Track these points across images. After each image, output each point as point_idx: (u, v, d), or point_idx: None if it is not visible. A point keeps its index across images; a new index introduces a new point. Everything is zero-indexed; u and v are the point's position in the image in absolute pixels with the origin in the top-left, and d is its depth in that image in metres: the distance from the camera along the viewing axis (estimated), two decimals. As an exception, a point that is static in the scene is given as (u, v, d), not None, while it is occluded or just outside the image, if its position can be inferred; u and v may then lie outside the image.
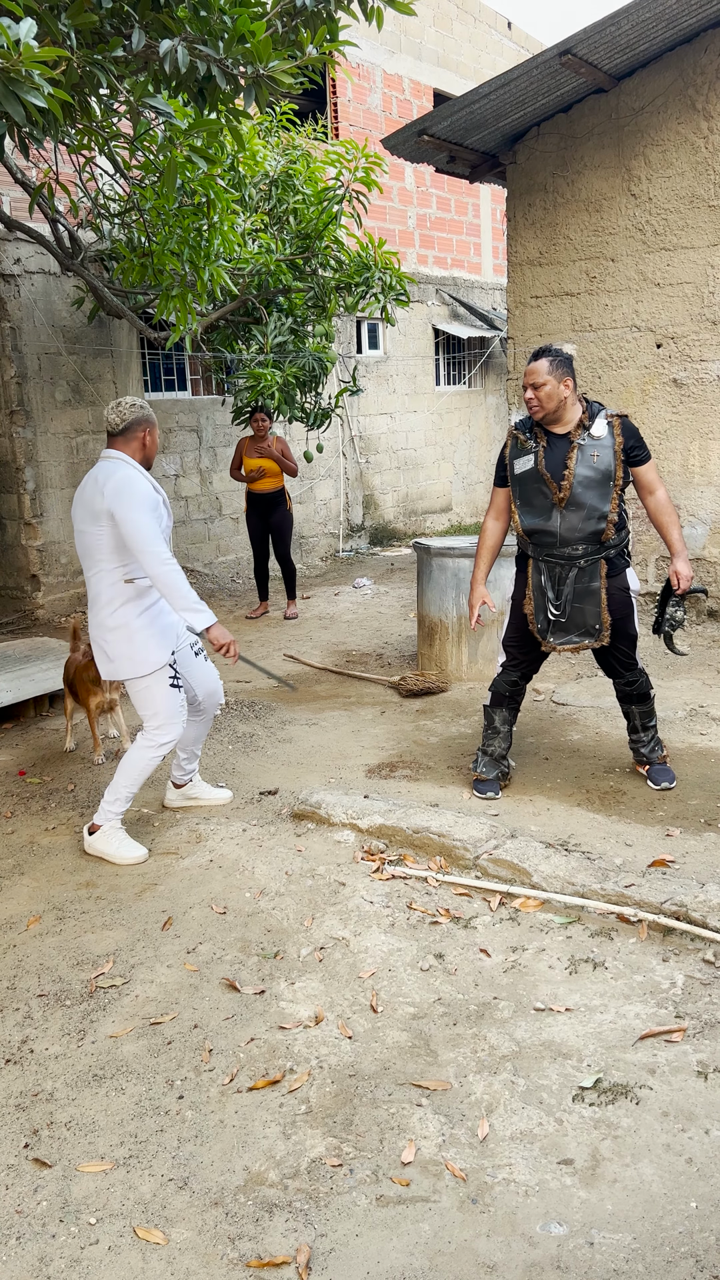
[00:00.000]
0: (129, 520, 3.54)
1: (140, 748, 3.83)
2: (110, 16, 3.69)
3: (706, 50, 6.14)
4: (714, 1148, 2.23)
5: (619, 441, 3.86)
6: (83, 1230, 2.10)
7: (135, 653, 3.74)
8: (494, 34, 14.20)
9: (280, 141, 7.96)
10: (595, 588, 3.95)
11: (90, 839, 3.83)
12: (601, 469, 3.84)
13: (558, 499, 3.88)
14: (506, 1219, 2.07)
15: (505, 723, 4.27)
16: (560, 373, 3.82)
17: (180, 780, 4.22)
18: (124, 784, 3.83)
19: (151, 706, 3.80)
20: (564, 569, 3.97)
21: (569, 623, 4.01)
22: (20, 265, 7.73)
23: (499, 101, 6.27)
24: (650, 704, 4.25)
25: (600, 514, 3.86)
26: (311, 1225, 2.08)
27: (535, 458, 3.92)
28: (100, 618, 3.76)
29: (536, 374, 3.82)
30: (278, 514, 7.94)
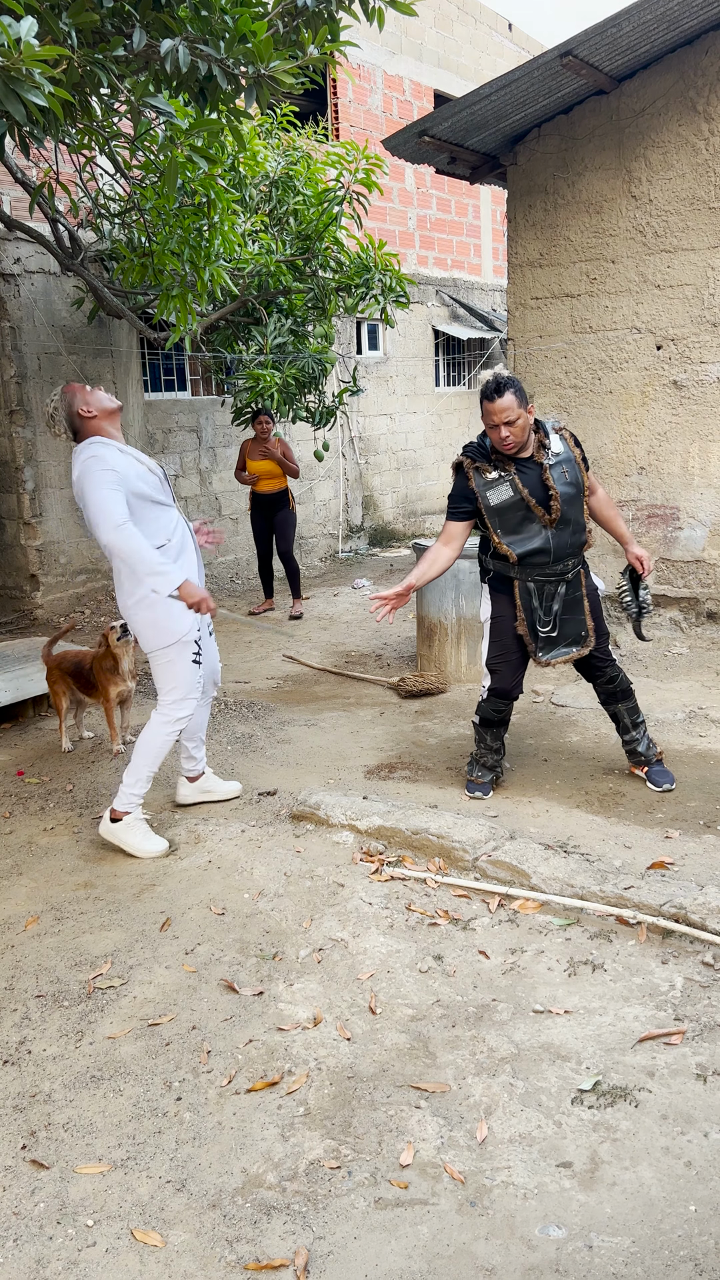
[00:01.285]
0: (84, 494, 3.54)
1: (156, 725, 3.84)
2: (111, 15, 3.69)
3: (707, 52, 6.14)
4: (713, 1151, 2.22)
5: (577, 453, 3.98)
6: (80, 1232, 2.09)
7: (159, 620, 3.73)
8: (495, 35, 14.20)
9: (281, 142, 7.96)
10: (578, 596, 4.06)
11: (112, 826, 3.81)
12: (574, 483, 3.95)
13: (548, 521, 3.90)
14: (505, 1222, 2.07)
15: (497, 739, 4.29)
16: (523, 402, 3.80)
17: (194, 772, 4.22)
18: (144, 765, 3.83)
19: (173, 680, 3.81)
20: (554, 585, 4.02)
21: (559, 636, 4.07)
22: (20, 265, 7.73)
23: (500, 103, 6.27)
24: (634, 700, 4.28)
25: (582, 526, 4.00)
26: (310, 1228, 2.07)
27: (513, 486, 3.88)
28: (124, 592, 3.76)
29: (508, 411, 3.76)
30: (281, 513, 7.98)
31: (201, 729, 4.17)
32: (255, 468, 7.82)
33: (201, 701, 4.10)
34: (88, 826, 4.07)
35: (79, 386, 3.74)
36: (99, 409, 3.72)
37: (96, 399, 3.73)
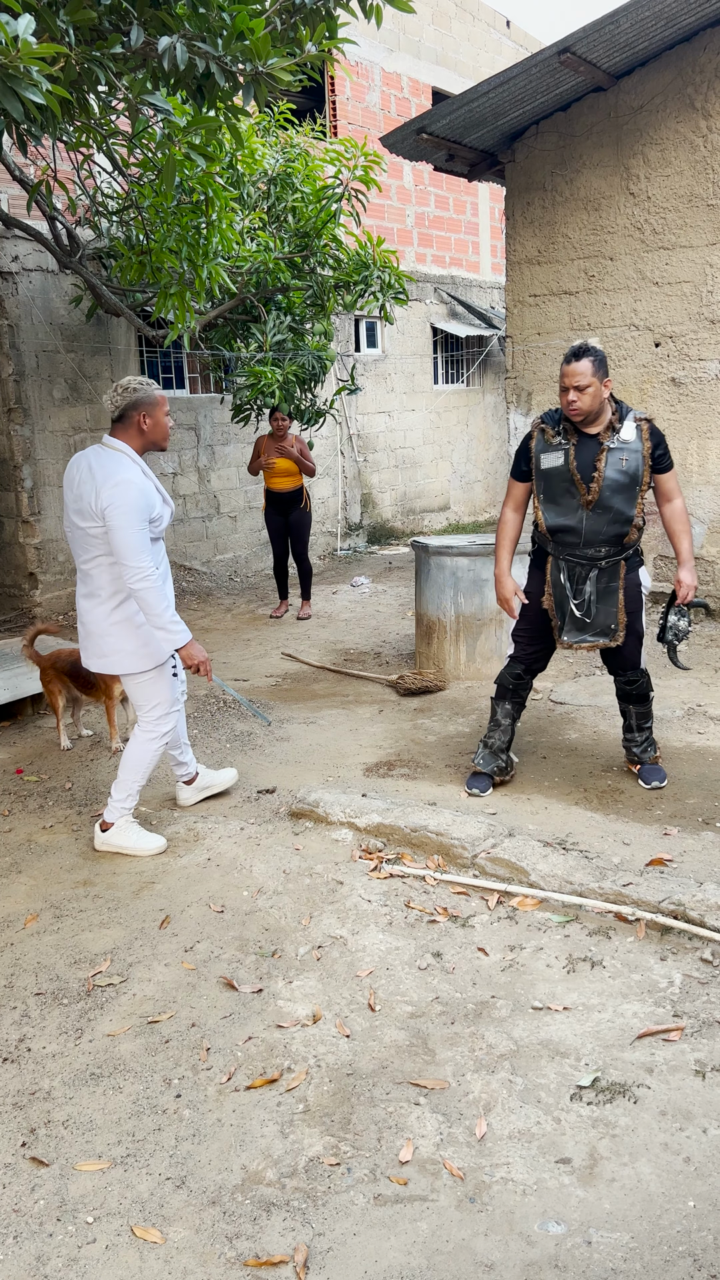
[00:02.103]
0: (118, 530, 3.49)
1: (142, 740, 3.82)
2: (109, 13, 3.68)
3: (705, 49, 6.14)
4: (712, 1147, 2.23)
5: (647, 446, 3.84)
6: (80, 1229, 2.10)
7: (142, 646, 3.70)
8: (493, 32, 14.19)
9: (279, 140, 7.95)
10: (614, 588, 3.96)
11: (104, 836, 3.82)
12: (629, 473, 3.83)
13: (585, 501, 3.86)
14: (504, 1218, 2.07)
15: (507, 716, 4.26)
16: (601, 373, 3.77)
17: (188, 775, 4.21)
18: (131, 779, 3.83)
19: (154, 698, 3.80)
20: (585, 569, 3.96)
21: (591, 623, 4.01)
22: (18, 263, 7.72)
23: (498, 100, 6.27)
24: (648, 706, 4.24)
25: (625, 518, 3.86)
26: (309, 1224, 2.08)
27: (566, 456, 3.87)
28: (103, 610, 3.69)
29: (581, 375, 3.72)
30: (296, 513, 7.94)
31: (183, 734, 4.13)
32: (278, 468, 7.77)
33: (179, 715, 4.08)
34: (87, 824, 4.08)
35: (164, 399, 3.71)
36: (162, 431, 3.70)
37: (165, 423, 3.71)
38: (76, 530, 3.67)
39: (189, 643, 3.62)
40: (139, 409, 3.64)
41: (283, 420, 7.67)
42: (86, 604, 3.73)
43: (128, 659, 3.72)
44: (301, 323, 8.07)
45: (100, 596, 3.68)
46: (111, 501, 3.49)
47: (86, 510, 3.59)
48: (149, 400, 3.65)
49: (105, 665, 3.76)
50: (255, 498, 10.44)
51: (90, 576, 3.69)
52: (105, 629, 3.70)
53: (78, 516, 3.64)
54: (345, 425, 11.55)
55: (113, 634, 3.70)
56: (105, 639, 3.71)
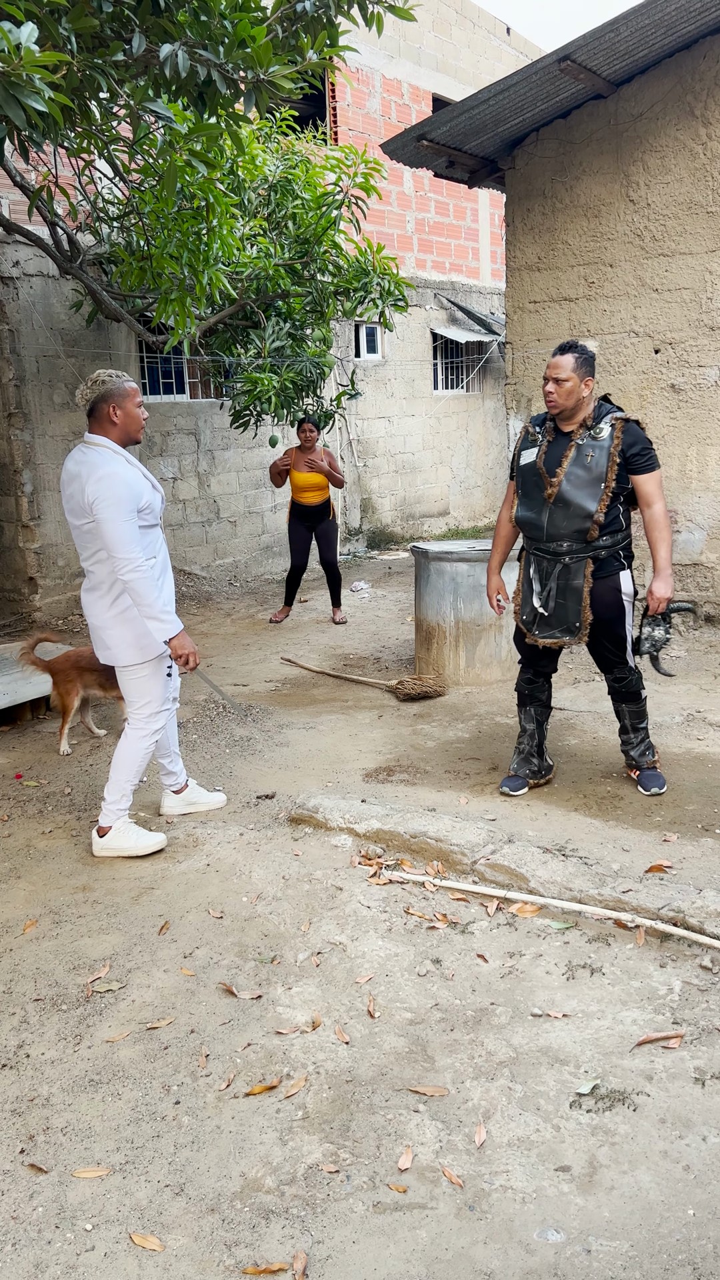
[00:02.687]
0: (106, 522, 3.51)
1: (132, 739, 3.84)
2: (111, 21, 3.70)
3: (705, 57, 6.15)
4: (711, 1155, 2.22)
5: (617, 444, 3.85)
6: (79, 1236, 2.09)
7: (138, 639, 3.73)
8: (493, 39, 14.23)
9: (280, 146, 7.97)
10: (578, 585, 3.96)
11: (102, 841, 3.82)
12: (593, 469, 3.85)
13: (547, 495, 3.93)
14: (504, 1226, 2.07)
15: (530, 720, 4.30)
16: (583, 371, 3.83)
17: (177, 785, 4.20)
18: (124, 778, 3.84)
19: (146, 694, 3.82)
20: (550, 564, 4.00)
21: (552, 618, 4.03)
22: (19, 268, 7.73)
23: (498, 107, 6.28)
24: (640, 704, 4.23)
25: (586, 513, 3.87)
26: (308, 1232, 2.07)
27: (538, 452, 3.97)
28: (104, 604, 3.73)
29: (561, 368, 3.81)
30: (324, 524, 7.96)
31: (173, 741, 4.13)
32: (300, 479, 7.74)
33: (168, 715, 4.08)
34: (86, 830, 4.07)
35: (136, 390, 3.69)
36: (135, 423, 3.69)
37: (137, 414, 3.69)
38: (75, 528, 3.72)
39: (179, 634, 3.63)
40: (108, 401, 3.64)
41: (311, 432, 7.65)
42: (89, 598, 3.78)
43: (129, 650, 3.76)
44: (301, 329, 8.08)
45: (100, 591, 3.73)
46: (97, 495, 3.51)
47: (78, 508, 3.63)
48: (118, 391, 3.65)
49: (108, 657, 3.81)
50: (255, 503, 10.45)
51: (92, 572, 3.74)
52: (105, 622, 3.74)
53: (72, 515, 3.69)
54: (345, 430, 11.56)
55: (111, 626, 3.74)
56: (106, 631, 3.76)
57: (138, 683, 3.82)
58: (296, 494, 7.85)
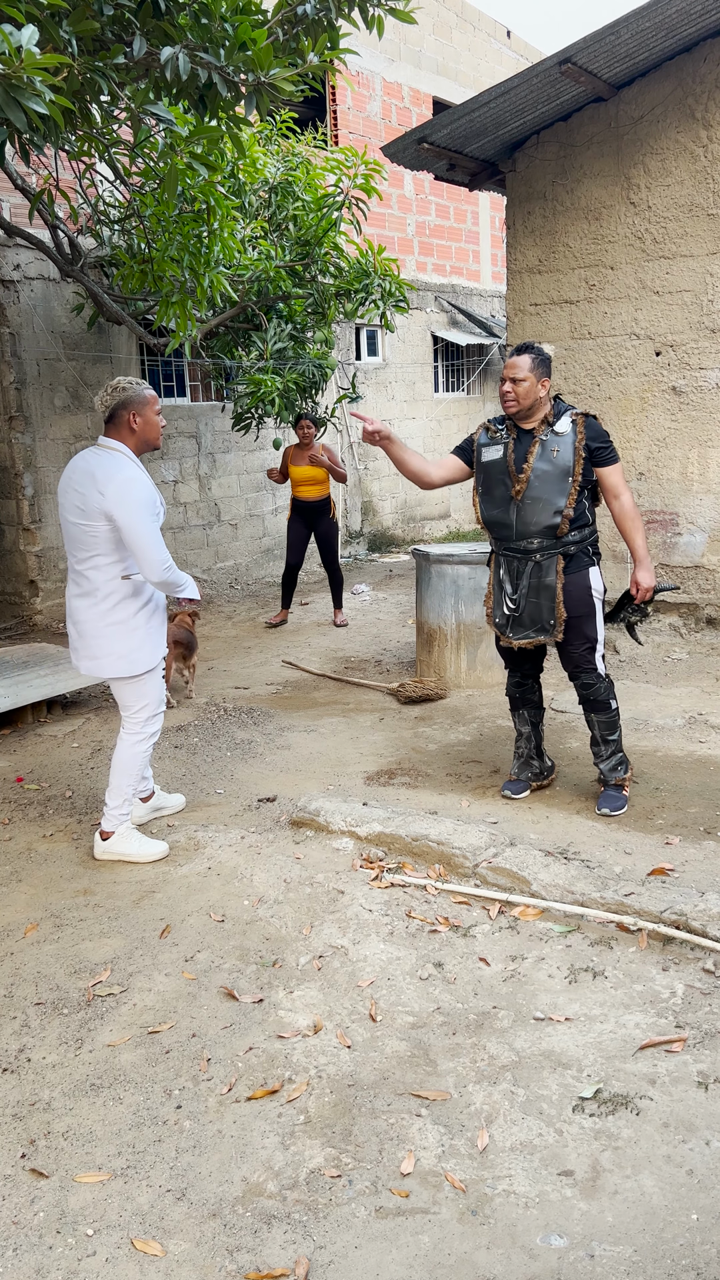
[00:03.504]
0: (133, 528, 3.52)
1: (129, 743, 3.84)
2: (112, 23, 3.70)
3: (706, 59, 6.16)
4: (715, 1159, 2.22)
5: (580, 438, 3.86)
6: (80, 1241, 2.08)
7: (133, 651, 3.70)
8: (493, 42, 14.25)
9: (280, 149, 7.98)
10: (550, 583, 3.94)
11: (105, 845, 3.81)
12: (560, 465, 3.87)
13: (515, 492, 3.93)
14: (506, 1231, 2.06)
15: (525, 723, 4.29)
16: (539, 372, 3.86)
17: (145, 793, 4.16)
18: (125, 783, 3.83)
19: (144, 698, 3.82)
20: (521, 563, 3.99)
21: (524, 617, 4.01)
22: (20, 271, 7.74)
23: (498, 110, 6.28)
24: (610, 715, 4.10)
25: (555, 509, 3.87)
26: (310, 1237, 2.07)
27: (505, 450, 3.96)
28: (98, 611, 3.67)
29: (518, 369, 3.85)
30: (324, 523, 7.89)
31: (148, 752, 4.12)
32: (299, 474, 7.71)
33: None
34: (87, 833, 4.07)
35: (155, 398, 3.72)
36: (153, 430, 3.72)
37: (156, 422, 3.71)
38: (75, 528, 3.63)
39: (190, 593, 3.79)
40: (128, 408, 3.63)
41: (309, 428, 7.64)
42: (80, 603, 3.70)
43: (118, 662, 3.71)
44: (302, 331, 8.08)
45: (95, 597, 3.66)
46: (120, 500, 3.50)
47: (89, 510, 3.57)
48: (139, 399, 3.64)
49: (95, 668, 3.74)
50: (256, 505, 10.45)
51: (85, 577, 3.66)
52: (99, 630, 3.68)
53: (77, 515, 3.61)
54: (346, 433, 11.56)
55: (106, 635, 3.68)
56: (98, 640, 3.69)
57: (135, 688, 3.80)
58: (295, 489, 7.81)
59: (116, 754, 3.85)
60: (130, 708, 3.83)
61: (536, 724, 4.29)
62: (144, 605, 3.72)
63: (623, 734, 4.20)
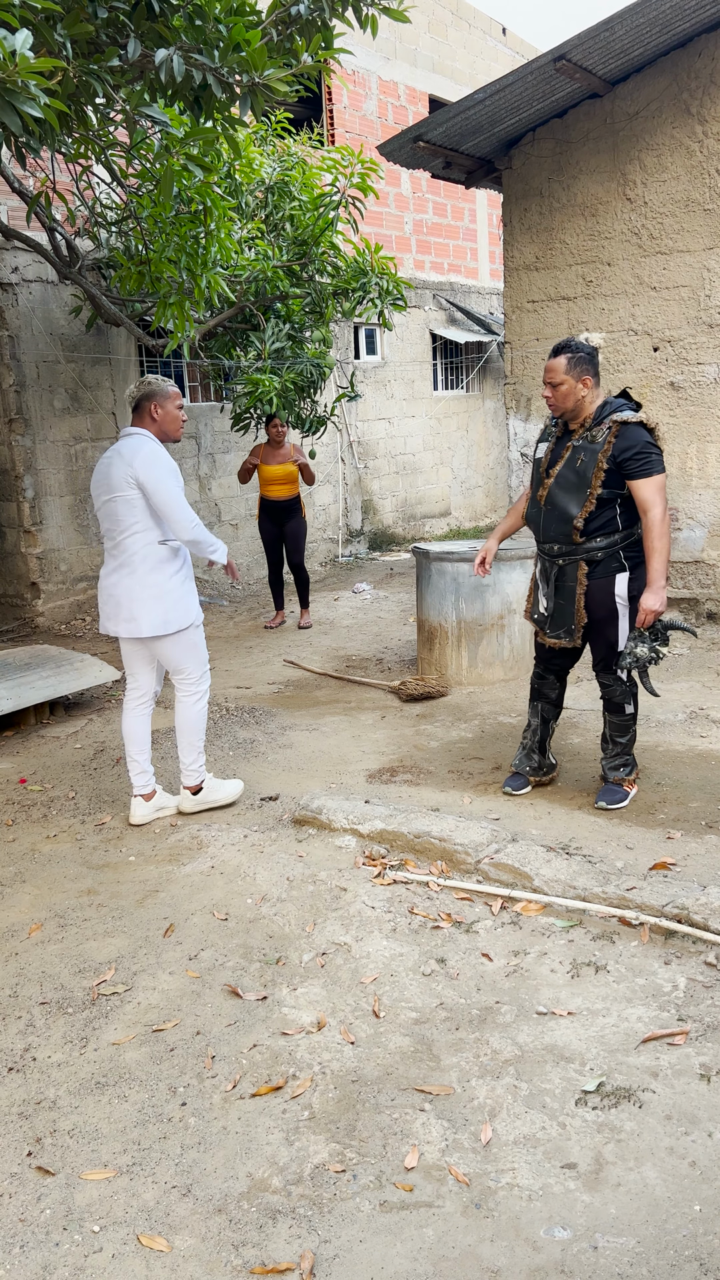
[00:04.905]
0: (159, 491, 3.83)
1: (187, 704, 4.14)
2: (106, 26, 3.70)
3: (700, 55, 6.16)
4: (717, 1150, 2.23)
5: (607, 449, 3.75)
6: (86, 1238, 2.10)
7: (169, 610, 3.97)
8: (489, 40, 14.24)
9: (276, 149, 7.98)
10: (571, 587, 3.93)
11: (198, 798, 4.20)
12: (580, 472, 3.80)
13: (540, 495, 3.94)
14: (510, 1224, 2.07)
15: (535, 715, 4.29)
16: (579, 370, 3.77)
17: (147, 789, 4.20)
18: (194, 740, 4.17)
19: (192, 658, 4.10)
20: (549, 565, 4.00)
21: (554, 618, 4.03)
22: (18, 274, 7.75)
23: (494, 107, 6.29)
24: (623, 718, 4.09)
25: (568, 516, 3.83)
26: (315, 1231, 2.08)
27: (547, 449, 3.97)
28: (135, 577, 3.93)
29: (554, 372, 3.79)
30: (294, 522, 7.83)
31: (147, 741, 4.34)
32: (272, 473, 7.68)
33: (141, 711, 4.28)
34: (90, 833, 4.08)
35: (178, 393, 4.05)
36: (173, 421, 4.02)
37: (177, 415, 4.02)
38: (111, 503, 3.91)
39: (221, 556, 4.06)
40: (151, 399, 3.98)
41: (280, 428, 7.63)
42: (116, 577, 3.97)
43: (155, 621, 3.96)
44: (300, 330, 8.09)
45: (132, 565, 3.93)
46: (147, 469, 3.83)
47: (117, 482, 3.87)
48: (161, 392, 3.99)
49: (133, 629, 3.98)
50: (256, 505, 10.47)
51: (123, 548, 3.94)
52: (135, 594, 3.94)
53: (112, 490, 3.90)
54: (345, 432, 11.57)
55: (141, 598, 3.94)
56: (135, 603, 3.94)
57: (184, 651, 4.07)
58: (266, 488, 7.72)
59: (178, 718, 4.16)
60: (181, 670, 4.10)
61: (548, 720, 4.29)
62: (178, 570, 4.00)
63: (635, 739, 4.17)
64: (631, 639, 3.89)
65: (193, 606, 4.06)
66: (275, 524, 7.88)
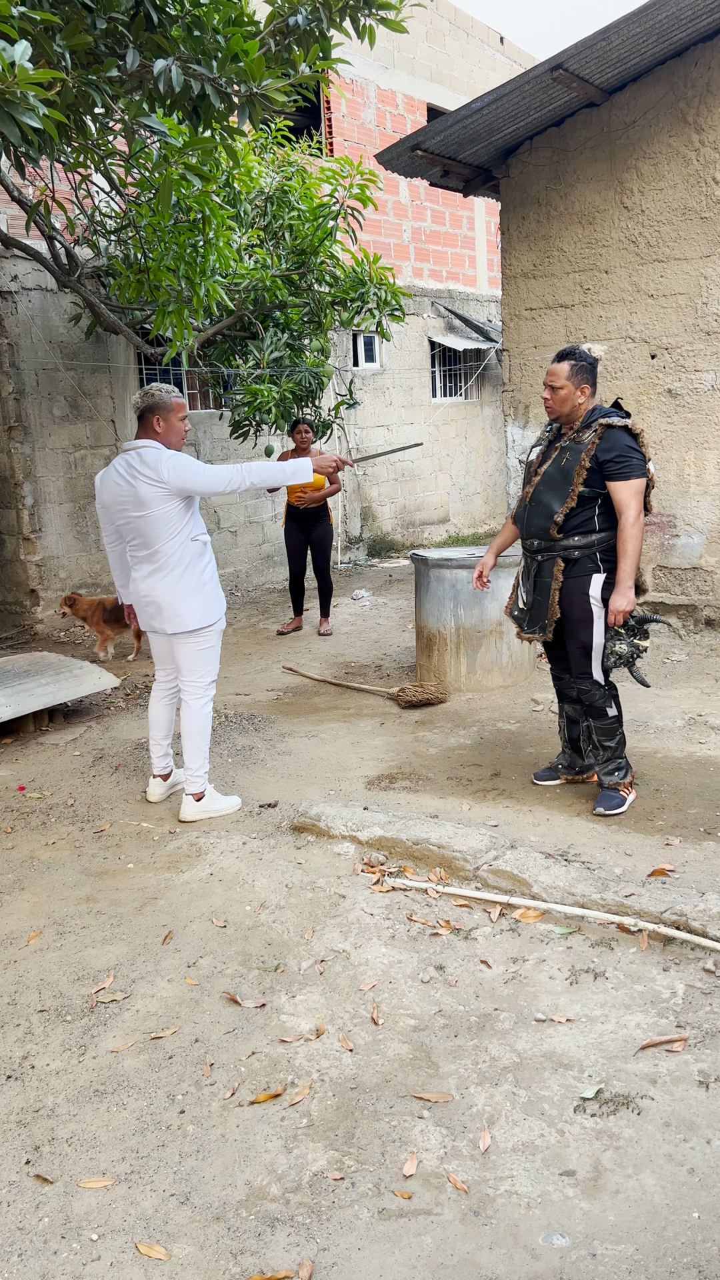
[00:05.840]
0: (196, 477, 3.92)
1: (195, 707, 4.22)
2: (105, 37, 3.73)
3: (697, 64, 6.19)
4: (716, 1158, 2.22)
5: (590, 449, 3.84)
6: (84, 1247, 2.09)
7: (206, 604, 4.11)
8: (486, 49, 14.30)
9: (275, 158, 8.01)
10: (547, 583, 4.00)
11: (199, 805, 4.23)
12: (563, 470, 3.91)
13: (525, 493, 4.04)
14: (509, 1231, 2.07)
15: (560, 713, 4.38)
16: (579, 378, 3.88)
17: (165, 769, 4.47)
18: (199, 744, 4.24)
19: (207, 664, 4.21)
20: (530, 561, 4.10)
21: (533, 613, 4.09)
22: (18, 282, 7.77)
23: (492, 116, 6.32)
24: (606, 722, 4.08)
25: (550, 512, 3.93)
26: (313, 1239, 2.08)
27: (539, 452, 4.09)
28: (173, 578, 4.04)
29: (556, 376, 3.90)
30: (320, 528, 7.81)
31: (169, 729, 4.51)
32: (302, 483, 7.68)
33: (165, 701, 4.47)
34: (89, 841, 4.08)
35: (182, 404, 4.11)
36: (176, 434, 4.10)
37: (180, 427, 4.11)
38: (138, 521, 3.98)
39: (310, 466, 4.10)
40: (154, 411, 4.05)
41: (306, 433, 7.58)
42: (154, 580, 4.08)
43: (197, 615, 4.09)
44: (299, 339, 8.11)
45: (169, 568, 4.05)
46: (173, 469, 3.91)
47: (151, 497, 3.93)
48: (163, 404, 4.04)
49: (179, 624, 4.10)
50: (255, 512, 10.48)
51: (159, 554, 4.03)
52: (179, 594, 4.06)
53: (138, 508, 3.96)
54: (345, 439, 11.59)
55: (185, 597, 4.07)
56: (181, 602, 4.07)
57: (202, 654, 4.18)
58: (293, 495, 7.71)
59: (185, 721, 4.23)
60: (194, 673, 4.20)
61: (574, 718, 4.33)
62: (206, 566, 4.13)
63: (624, 741, 4.17)
64: (610, 638, 3.97)
65: (222, 602, 4.20)
66: (302, 531, 7.85)
